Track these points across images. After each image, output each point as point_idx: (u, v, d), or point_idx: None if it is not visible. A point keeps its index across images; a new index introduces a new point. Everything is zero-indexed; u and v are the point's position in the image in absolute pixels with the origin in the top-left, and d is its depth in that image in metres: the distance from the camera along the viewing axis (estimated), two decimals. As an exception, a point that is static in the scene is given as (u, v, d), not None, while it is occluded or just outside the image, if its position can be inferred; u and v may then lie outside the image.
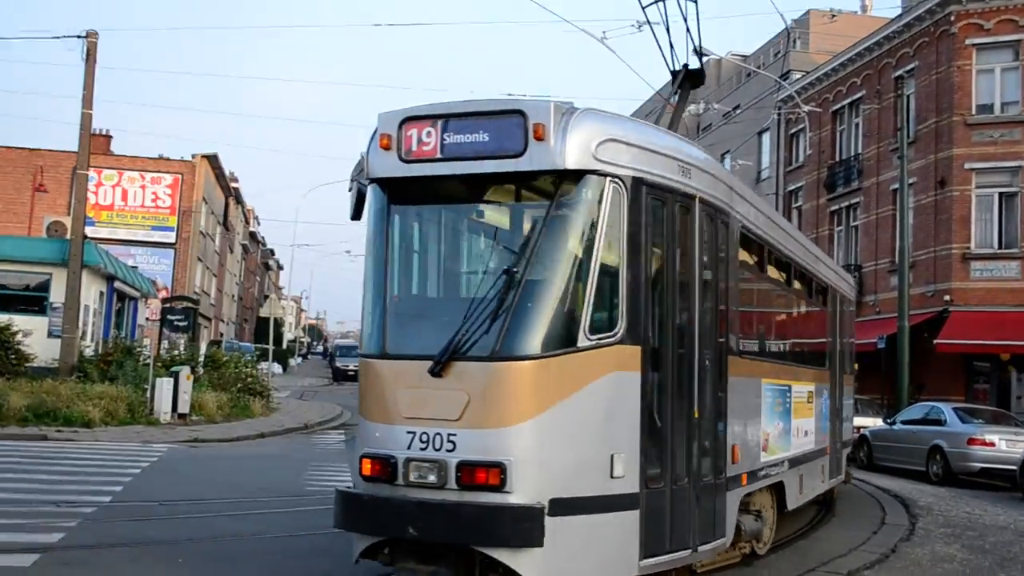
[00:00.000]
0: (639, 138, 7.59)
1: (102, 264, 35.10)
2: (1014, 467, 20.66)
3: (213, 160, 61.67)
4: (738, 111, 49.30)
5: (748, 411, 9.33)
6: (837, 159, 40.90)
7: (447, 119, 7.24)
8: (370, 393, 7.31)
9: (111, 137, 59.29)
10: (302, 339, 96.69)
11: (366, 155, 7.58)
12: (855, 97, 39.78)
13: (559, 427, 6.68)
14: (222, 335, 74.14)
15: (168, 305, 41.09)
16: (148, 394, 25.86)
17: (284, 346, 75.68)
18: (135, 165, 57.02)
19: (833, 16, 48.25)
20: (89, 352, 31.50)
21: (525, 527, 6.43)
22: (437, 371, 6.78)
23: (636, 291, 7.23)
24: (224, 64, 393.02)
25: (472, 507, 6.51)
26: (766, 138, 46.80)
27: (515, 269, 6.82)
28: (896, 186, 32.13)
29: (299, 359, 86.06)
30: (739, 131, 47.39)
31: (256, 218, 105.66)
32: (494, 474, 6.52)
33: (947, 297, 33.00)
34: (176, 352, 31.49)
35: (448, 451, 6.68)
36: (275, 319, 43.55)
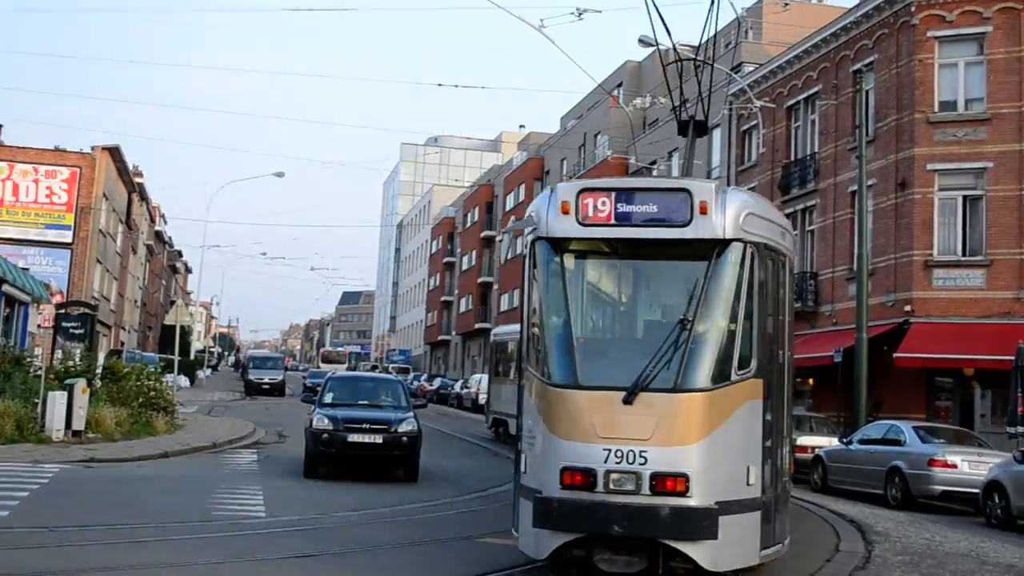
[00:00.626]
0: (764, 210, 10.57)
1: (-12, 265, 34.46)
2: (977, 490, 20.94)
3: (115, 153, 60.86)
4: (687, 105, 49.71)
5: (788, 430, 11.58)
6: (792, 158, 41.36)
7: (620, 192, 9.94)
8: (563, 417, 9.41)
9: (1, 126, 58.63)
10: (212, 349, 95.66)
11: (544, 217, 10.16)
12: (811, 92, 40.30)
13: (719, 445, 9.30)
14: (123, 344, 73.14)
15: (63, 311, 40.53)
16: (39, 409, 25.45)
17: (192, 356, 74.87)
18: (28, 157, 56.13)
19: (787, 5, 48.87)
20: (-28, 363, 30.85)
21: (705, 524, 9.02)
22: (629, 400, 9.19)
23: (763, 334, 10.06)
24: (128, 49, 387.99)
25: (665, 508, 8.98)
26: (716, 135, 47.21)
27: (686, 318, 9.42)
28: (855, 188, 32.52)
29: (208, 371, 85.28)
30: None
31: (162, 216, 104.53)
32: (680, 483, 9.06)
33: (908, 307, 33.47)
34: (71, 363, 30.91)
35: (641, 464, 9.12)
36: (182, 327, 43.02)
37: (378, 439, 21.20)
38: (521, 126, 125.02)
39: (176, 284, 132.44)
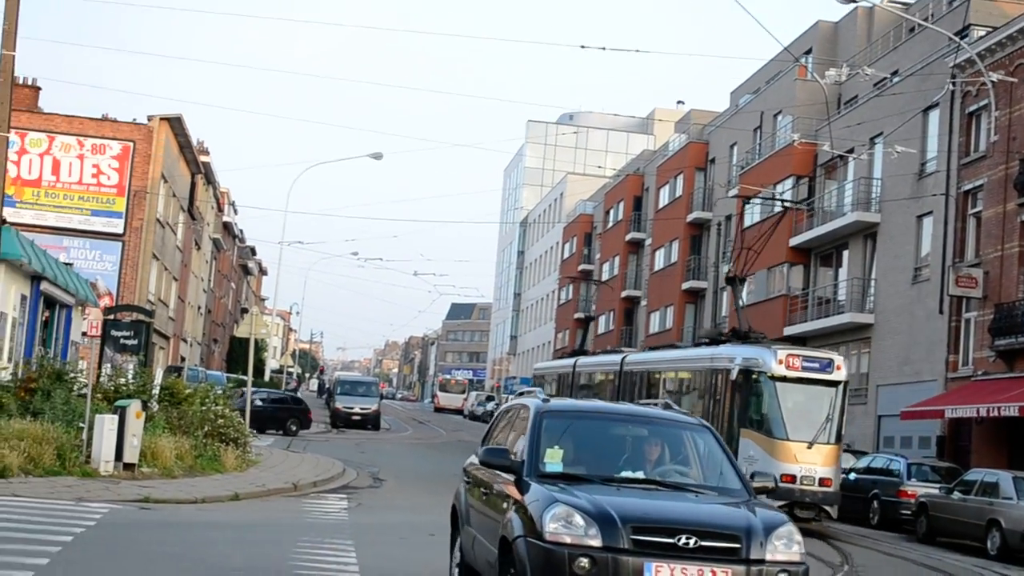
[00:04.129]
0: None
1: (25, 259, 35.39)
2: None
3: (176, 124, 61.75)
4: (896, 79, 49.00)
5: None
6: (1034, 148, 40.47)
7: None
8: (780, 451, 30.76)
9: (40, 89, 59.60)
10: (290, 369, 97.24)
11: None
12: (1061, 64, 39.42)
13: (840, 467, 32.48)
14: (183, 359, 74.70)
15: (112, 317, 41.43)
16: (84, 435, 25.99)
17: (267, 377, 76.20)
18: (72, 128, 57.40)
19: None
20: (6, 376, 31.75)
21: (839, 500, 31.70)
22: (810, 446, 30.83)
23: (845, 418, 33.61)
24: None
25: (828, 494, 30.91)
26: (934, 117, 46.39)
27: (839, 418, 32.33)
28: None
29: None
30: (897, 106, 47.07)
31: (232, 204, 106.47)
32: (829, 482, 30.86)
33: None
34: (123, 380, 31.56)
35: (816, 475, 30.59)
36: (257, 341, 43.71)
37: None
38: (679, 102, 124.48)
39: (248, 288, 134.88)
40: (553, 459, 12.60)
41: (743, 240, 40.59)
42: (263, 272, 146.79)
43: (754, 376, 31.59)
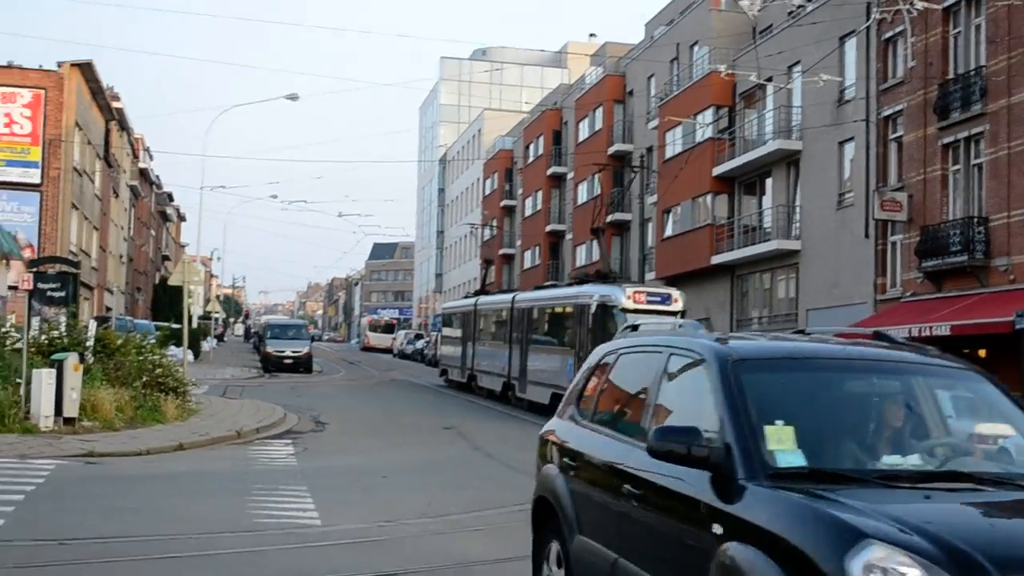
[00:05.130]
0: None
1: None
2: None
3: (87, 70, 60.51)
4: (810, 7, 49.09)
5: None
6: (951, 74, 40.73)
7: None
8: None
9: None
10: (216, 314, 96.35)
11: None
12: (977, -12, 39.65)
13: None
14: (109, 310, 73.96)
15: (37, 269, 40.79)
16: (22, 391, 25.68)
17: (195, 324, 75.47)
18: (-24, 76, 56.32)
19: None
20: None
21: None
22: None
23: None
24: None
25: None
26: (851, 45, 46.54)
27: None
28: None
29: (213, 342, 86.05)
30: (813, 35, 47.23)
31: (148, 151, 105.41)
32: None
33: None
34: (56, 334, 31.00)
35: None
36: (181, 288, 43.30)
37: None
38: (592, 35, 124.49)
39: (168, 235, 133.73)
40: (783, 444, 7.53)
41: (603, 195, 50.81)
42: (182, 218, 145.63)
43: (608, 309, 37.74)
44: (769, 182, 52.72)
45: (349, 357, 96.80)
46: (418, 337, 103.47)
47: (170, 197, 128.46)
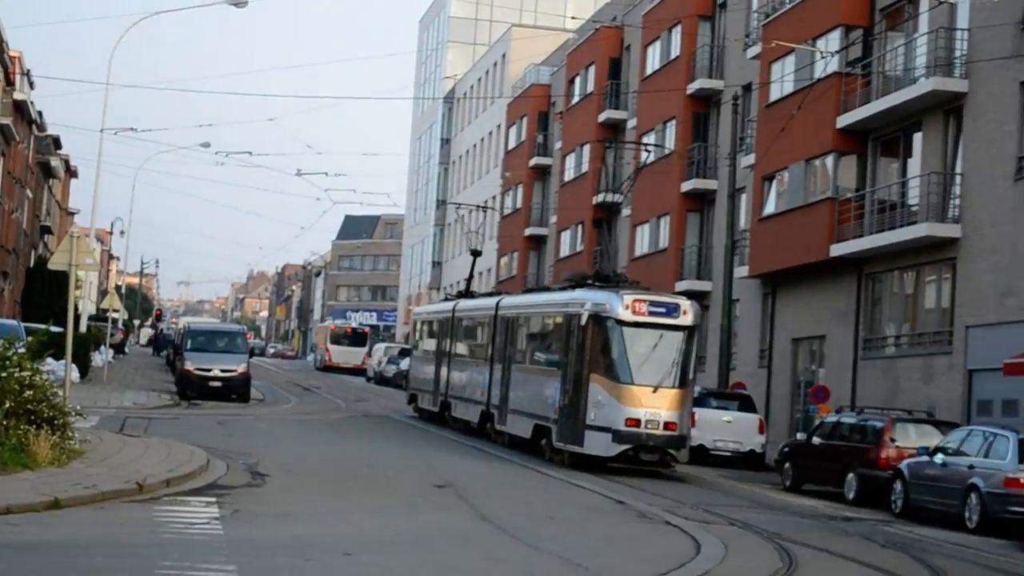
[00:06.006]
0: None
1: None
2: None
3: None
4: None
5: None
6: None
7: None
8: (625, 396, 42.29)
9: None
10: (115, 313, 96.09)
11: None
12: None
13: (687, 412, 44.08)
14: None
15: None
16: None
17: (83, 327, 75.53)
18: None
19: None
20: None
21: (685, 443, 43.78)
22: (655, 390, 42.68)
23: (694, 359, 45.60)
24: None
25: (669, 437, 42.58)
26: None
27: (686, 363, 43.82)
28: None
29: (109, 353, 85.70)
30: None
31: (27, 75, 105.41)
32: (673, 426, 42.55)
33: None
34: None
35: (660, 419, 42.36)
36: (65, 276, 43.37)
37: None
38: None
39: (51, 197, 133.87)
40: None
41: (636, 173, 62.15)
42: (72, 174, 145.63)
43: (602, 321, 42.99)
44: (918, 139, 52.47)
45: (304, 380, 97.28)
46: (404, 354, 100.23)
47: (57, 143, 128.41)
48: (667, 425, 42.15)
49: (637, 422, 41.87)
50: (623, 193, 66.24)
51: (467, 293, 66.10)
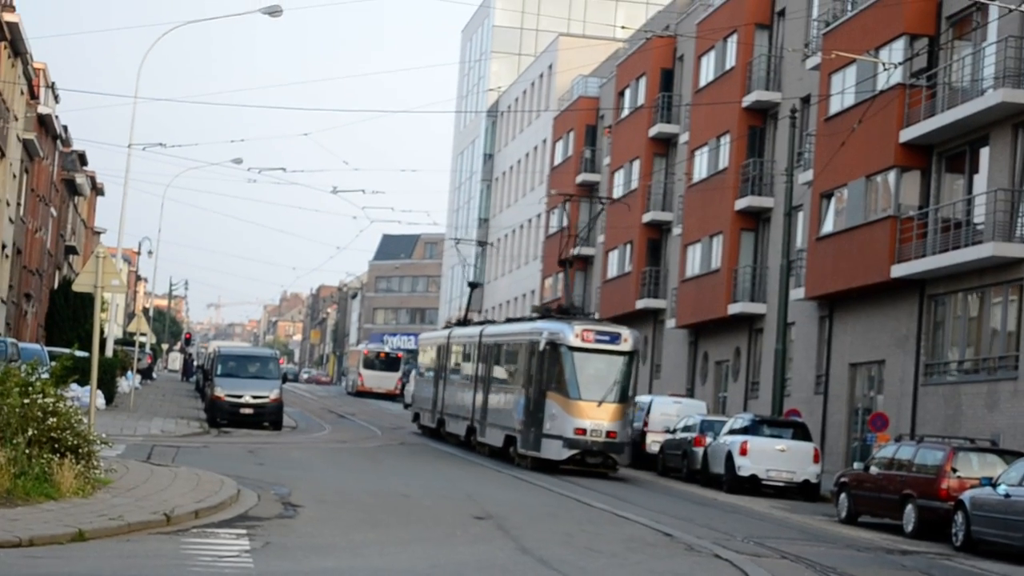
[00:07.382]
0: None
1: None
2: None
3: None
4: None
5: None
6: None
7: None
8: (574, 409, 53.63)
9: None
10: (142, 337, 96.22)
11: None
12: None
13: (627, 422, 56.20)
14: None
15: None
16: None
17: (109, 352, 75.58)
18: None
19: None
20: None
21: (624, 449, 55.46)
22: (599, 404, 54.12)
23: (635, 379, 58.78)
24: None
25: (612, 443, 54.05)
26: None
27: (625, 382, 55.82)
28: None
29: (136, 379, 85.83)
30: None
31: (52, 88, 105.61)
32: (614, 434, 54.02)
33: None
34: None
35: (603, 428, 53.81)
36: (102, 298, 43.42)
37: None
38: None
39: (76, 215, 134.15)
40: None
41: (572, 223, 75.42)
42: (98, 191, 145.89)
43: (556, 347, 54.29)
44: (984, 153, 52.40)
45: (338, 406, 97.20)
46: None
47: (82, 160, 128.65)
48: (609, 433, 53.51)
49: (584, 431, 53.27)
50: (674, 210, 71.22)
51: (464, 321, 77.87)
